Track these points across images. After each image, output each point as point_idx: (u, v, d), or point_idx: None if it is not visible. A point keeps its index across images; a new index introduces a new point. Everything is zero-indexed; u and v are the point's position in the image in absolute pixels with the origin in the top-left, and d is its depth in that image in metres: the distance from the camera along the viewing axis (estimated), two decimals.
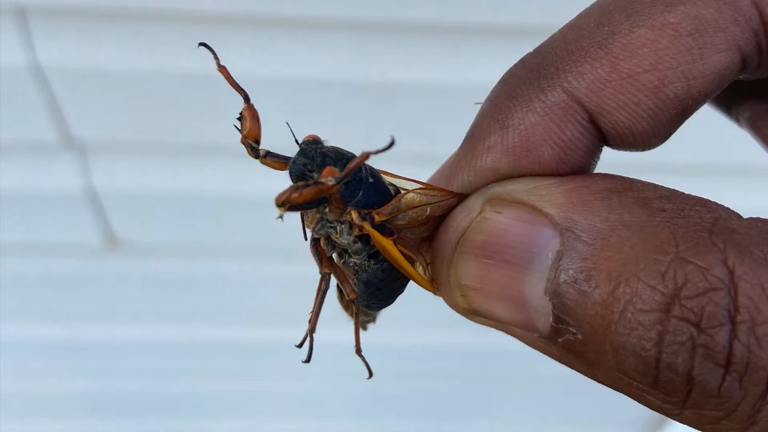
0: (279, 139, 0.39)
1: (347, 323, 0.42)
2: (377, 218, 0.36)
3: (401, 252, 0.37)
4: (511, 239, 0.33)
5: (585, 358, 0.31)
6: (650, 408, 0.31)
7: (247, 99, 0.38)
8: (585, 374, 0.32)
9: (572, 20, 0.35)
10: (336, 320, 0.43)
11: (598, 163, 0.36)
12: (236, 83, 0.38)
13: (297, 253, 0.66)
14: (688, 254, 0.29)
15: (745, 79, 0.35)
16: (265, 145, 0.38)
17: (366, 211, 0.36)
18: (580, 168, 0.35)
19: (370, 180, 0.37)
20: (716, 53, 0.32)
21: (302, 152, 0.36)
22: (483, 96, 0.36)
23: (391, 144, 0.32)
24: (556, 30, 0.35)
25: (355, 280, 0.40)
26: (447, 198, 0.36)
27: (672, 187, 0.32)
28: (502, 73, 0.36)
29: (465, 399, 1.48)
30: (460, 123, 0.39)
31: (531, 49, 0.35)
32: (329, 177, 0.34)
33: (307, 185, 0.33)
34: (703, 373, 0.28)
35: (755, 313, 0.28)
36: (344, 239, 0.38)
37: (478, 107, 0.36)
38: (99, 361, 1.38)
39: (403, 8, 0.78)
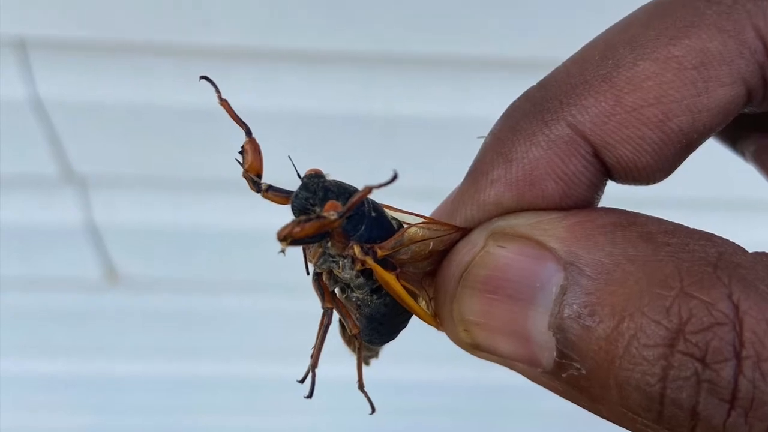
0: (281, 173, 0.39)
1: (349, 358, 0.42)
2: (380, 252, 0.36)
3: (404, 286, 0.37)
4: (514, 274, 0.33)
5: (589, 394, 0.31)
6: None
7: (248, 133, 0.38)
8: (589, 410, 0.32)
9: (576, 53, 0.35)
10: (338, 355, 0.43)
11: (602, 197, 0.35)
12: (238, 117, 0.38)
13: (299, 288, 0.66)
14: (693, 289, 0.29)
15: (750, 113, 0.35)
16: (266, 179, 0.38)
17: (368, 246, 0.36)
18: (584, 202, 0.35)
19: (373, 214, 0.37)
20: (721, 86, 0.32)
21: (304, 186, 0.36)
22: (486, 130, 0.36)
23: (394, 178, 0.31)
24: (560, 63, 0.35)
25: (357, 315, 0.40)
26: (450, 232, 0.36)
27: (676, 222, 0.32)
28: (506, 107, 0.36)
29: None
30: (463, 157, 0.38)
31: (534, 83, 0.35)
32: (331, 211, 0.34)
33: (309, 219, 0.33)
34: (708, 408, 0.28)
35: (760, 348, 0.28)
36: (347, 274, 0.37)
37: (481, 141, 0.36)
38: (99, 396, 1.37)
39: (405, 42, 0.78)
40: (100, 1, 0.76)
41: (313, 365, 0.39)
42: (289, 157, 0.39)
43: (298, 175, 0.37)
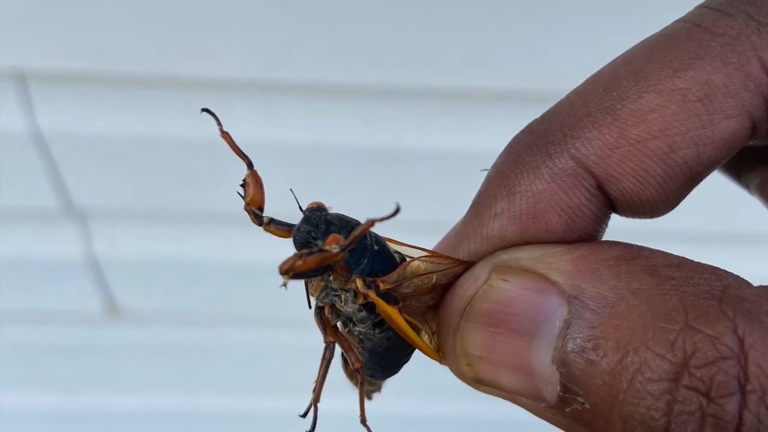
0: (283, 207, 0.39)
1: (352, 392, 0.41)
2: (382, 286, 0.36)
3: (407, 320, 0.37)
4: (517, 307, 0.33)
5: (593, 428, 0.31)
6: None
7: (250, 165, 0.38)
8: None
9: (580, 86, 0.35)
10: (340, 389, 0.43)
11: (606, 230, 0.35)
12: (239, 149, 0.38)
13: (301, 322, 0.66)
14: (698, 323, 0.28)
15: (755, 146, 0.35)
16: (268, 212, 0.38)
17: (371, 279, 0.36)
18: (588, 235, 0.35)
19: (375, 247, 0.37)
20: (726, 119, 0.32)
21: (306, 219, 0.36)
22: (489, 162, 0.36)
23: (397, 211, 0.31)
24: (563, 95, 0.35)
25: (359, 349, 0.40)
26: (453, 266, 0.36)
27: (681, 255, 0.32)
28: (509, 139, 0.36)
29: None
30: (466, 190, 0.38)
31: (538, 115, 0.35)
32: (333, 244, 0.33)
33: (312, 253, 0.33)
34: None
35: (765, 383, 0.27)
36: (349, 307, 0.37)
37: (485, 174, 0.36)
38: (100, 430, 1.37)
39: (408, 74, 0.78)
40: (99, 32, 0.76)
41: (315, 399, 0.39)
42: (291, 190, 0.39)
43: (300, 208, 0.37)
